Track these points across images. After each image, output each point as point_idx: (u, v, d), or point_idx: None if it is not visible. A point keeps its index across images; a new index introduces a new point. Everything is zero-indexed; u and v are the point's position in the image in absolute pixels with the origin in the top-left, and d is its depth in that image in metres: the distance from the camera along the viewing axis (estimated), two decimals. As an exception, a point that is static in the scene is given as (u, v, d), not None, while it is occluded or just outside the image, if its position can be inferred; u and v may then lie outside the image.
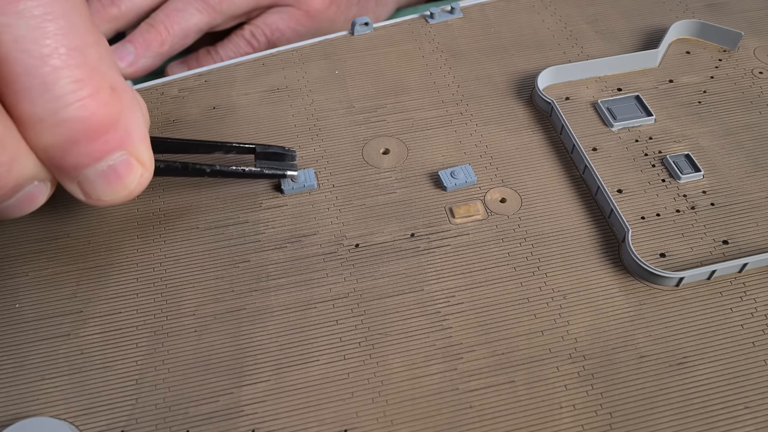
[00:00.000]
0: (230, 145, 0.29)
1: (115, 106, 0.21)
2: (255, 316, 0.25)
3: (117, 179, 0.22)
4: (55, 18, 0.20)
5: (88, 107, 0.20)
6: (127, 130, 0.22)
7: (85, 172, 0.22)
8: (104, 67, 0.21)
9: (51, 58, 0.20)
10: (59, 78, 0.20)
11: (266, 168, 0.28)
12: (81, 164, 0.21)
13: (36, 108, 0.20)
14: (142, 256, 0.27)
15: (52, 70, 0.20)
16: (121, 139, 0.22)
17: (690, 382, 0.23)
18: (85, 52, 0.20)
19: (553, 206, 0.28)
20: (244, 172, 0.28)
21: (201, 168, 0.27)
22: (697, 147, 0.30)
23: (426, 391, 0.23)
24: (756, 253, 0.26)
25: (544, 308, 0.25)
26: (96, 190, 0.22)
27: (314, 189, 0.29)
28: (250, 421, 0.23)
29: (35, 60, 0.19)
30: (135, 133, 0.22)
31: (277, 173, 0.28)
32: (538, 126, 0.32)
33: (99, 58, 0.21)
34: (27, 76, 0.19)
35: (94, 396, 0.23)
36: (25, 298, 0.26)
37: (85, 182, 0.22)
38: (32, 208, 0.23)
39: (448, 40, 0.36)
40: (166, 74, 0.41)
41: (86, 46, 0.20)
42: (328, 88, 0.33)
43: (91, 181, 0.22)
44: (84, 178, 0.22)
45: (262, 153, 0.29)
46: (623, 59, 0.33)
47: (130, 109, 0.22)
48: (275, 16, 0.41)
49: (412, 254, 0.27)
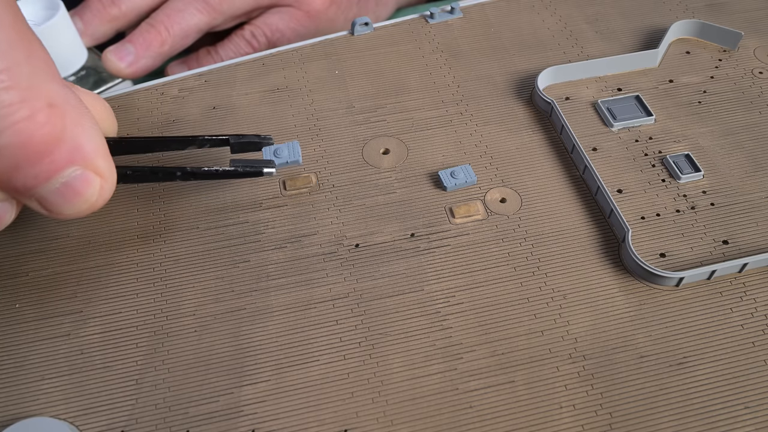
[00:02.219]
0: (203, 138, 0.27)
1: (56, 123, 0.20)
2: (255, 316, 0.25)
3: (74, 195, 0.21)
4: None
5: (24, 131, 0.19)
6: (76, 145, 0.21)
7: (37, 191, 0.21)
8: (39, 82, 0.20)
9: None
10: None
11: (241, 167, 0.26)
12: (30, 186, 0.21)
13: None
14: (142, 256, 0.27)
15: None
16: (70, 155, 0.21)
17: (690, 382, 0.23)
18: (13, 72, 0.19)
19: (553, 206, 0.28)
20: (218, 172, 0.26)
21: (171, 171, 0.26)
22: (697, 147, 0.30)
23: (426, 391, 0.23)
24: (756, 253, 0.26)
25: (544, 308, 0.25)
26: (55, 207, 0.22)
27: (299, 164, 0.28)
28: (250, 421, 0.23)
29: None
30: (86, 146, 0.21)
31: (252, 171, 0.26)
32: (538, 126, 0.32)
33: (31, 75, 0.20)
34: None
35: (94, 396, 0.23)
36: (25, 298, 0.26)
37: (42, 200, 0.21)
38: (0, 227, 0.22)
39: (448, 40, 0.36)
40: (166, 74, 0.41)
41: (15, 65, 0.19)
42: (328, 88, 0.33)
43: (47, 199, 0.21)
44: (39, 197, 0.21)
45: (236, 144, 0.27)
46: (623, 59, 0.33)
47: (76, 122, 0.21)
48: (275, 16, 0.41)
49: (412, 254, 0.27)
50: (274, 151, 0.27)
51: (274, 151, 0.27)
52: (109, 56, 0.38)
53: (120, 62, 0.38)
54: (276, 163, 0.27)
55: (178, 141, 0.27)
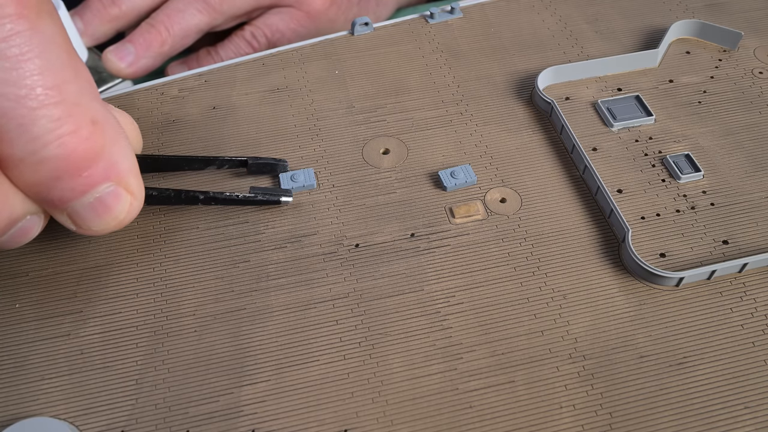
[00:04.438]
0: (222, 158, 0.29)
1: (97, 140, 0.21)
2: (255, 316, 0.25)
3: (105, 210, 0.22)
4: (32, 58, 0.19)
5: (68, 144, 0.20)
6: (112, 162, 0.22)
7: (72, 206, 0.22)
8: (84, 100, 0.21)
9: (27, 99, 0.19)
10: (36, 119, 0.20)
11: (260, 194, 0.28)
12: (66, 199, 0.21)
13: (15, 150, 0.20)
14: (142, 256, 0.27)
15: (29, 111, 0.19)
16: (106, 171, 0.22)
17: (690, 382, 0.23)
18: (62, 89, 0.20)
19: (553, 206, 0.28)
20: (238, 198, 0.28)
21: (194, 195, 0.27)
22: (697, 147, 0.30)
23: (426, 391, 0.23)
24: (756, 253, 0.26)
25: (544, 308, 0.25)
26: (85, 222, 0.22)
27: (314, 189, 0.29)
28: (250, 421, 0.23)
29: (11, 102, 0.19)
30: (121, 164, 0.22)
31: (270, 200, 0.28)
32: (538, 126, 0.32)
33: (78, 93, 0.21)
34: (4, 118, 0.19)
35: (94, 396, 0.23)
36: (25, 298, 0.26)
37: (73, 214, 0.22)
38: (26, 240, 0.23)
39: (448, 40, 0.36)
40: (166, 74, 0.41)
41: (64, 83, 0.20)
42: (328, 88, 0.33)
43: (80, 213, 0.22)
44: (72, 211, 0.22)
45: (254, 165, 0.29)
46: (623, 59, 0.33)
47: (114, 140, 0.22)
48: (276, 16, 0.41)
49: (412, 254, 0.27)
50: (291, 176, 0.29)
51: (291, 176, 0.29)
52: (109, 56, 0.38)
53: (120, 62, 0.38)
54: (293, 187, 0.29)
55: (198, 161, 0.29)
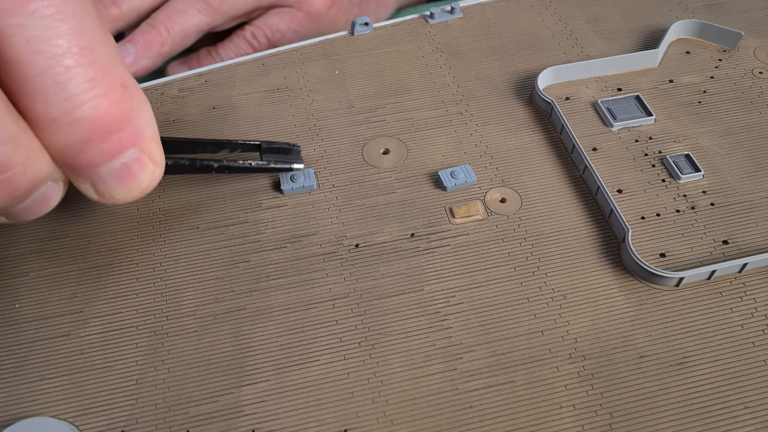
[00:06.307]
0: (236, 142, 0.29)
1: (126, 103, 0.21)
2: (255, 316, 0.25)
3: (130, 177, 0.22)
4: (66, 17, 0.20)
5: (102, 106, 0.20)
6: (139, 128, 0.22)
7: (98, 171, 0.22)
8: (115, 64, 0.21)
9: (64, 57, 0.19)
10: (72, 77, 0.20)
11: (273, 161, 0.29)
12: (95, 163, 0.21)
13: (50, 108, 0.20)
14: (142, 256, 0.27)
15: (65, 69, 0.20)
16: (134, 137, 0.22)
17: (690, 382, 0.23)
18: (96, 51, 0.20)
19: (553, 206, 0.28)
20: (251, 166, 0.28)
21: (208, 164, 0.27)
22: (697, 147, 0.30)
23: (426, 391, 0.23)
24: (756, 253, 0.26)
25: (544, 308, 0.25)
26: (109, 189, 0.22)
27: (314, 189, 0.29)
28: (250, 421, 0.23)
29: (48, 60, 0.19)
30: (146, 131, 0.22)
31: (284, 167, 0.29)
32: (538, 126, 0.32)
33: (109, 56, 0.21)
34: (40, 76, 0.19)
35: (94, 396, 0.23)
36: (25, 298, 0.26)
37: (98, 181, 0.22)
38: (46, 209, 0.23)
39: (448, 40, 0.36)
40: (167, 74, 0.41)
41: (97, 45, 0.20)
42: (328, 88, 0.33)
43: (105, 180, 0.22)
44: (97, 177, 0.22)
45: (267, 149, 0.29)
46: (623, 59, 0.33)
47: (141, 106, 0.22)
48: (276, 17, 0.41)
49: (412, 254, 0.27)
50: (291, 176, 0.29)
51: (290, 176, 0.29)
52: (109, 56, 0.38)
53: (120, 62, 0.38)
54: (294, 189, 0.29)
55: (211, 144, 0.29)
